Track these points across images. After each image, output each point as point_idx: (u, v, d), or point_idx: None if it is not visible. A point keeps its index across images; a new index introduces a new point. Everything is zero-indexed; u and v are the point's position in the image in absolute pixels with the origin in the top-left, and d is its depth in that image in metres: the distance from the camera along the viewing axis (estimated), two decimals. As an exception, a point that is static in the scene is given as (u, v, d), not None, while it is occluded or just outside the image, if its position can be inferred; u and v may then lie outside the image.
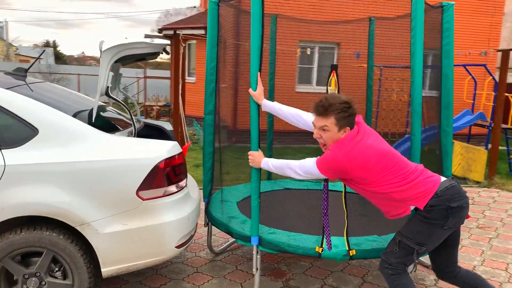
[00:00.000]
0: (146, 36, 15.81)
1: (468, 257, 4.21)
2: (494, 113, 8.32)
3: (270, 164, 2.89)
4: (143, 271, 3.69)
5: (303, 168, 2.68)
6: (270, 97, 4.58)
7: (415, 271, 3.44)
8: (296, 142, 11.36)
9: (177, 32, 6.66)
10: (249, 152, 3.03)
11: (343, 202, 2.96)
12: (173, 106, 7.07)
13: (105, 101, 4.28)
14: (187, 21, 14.62)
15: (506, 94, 8.40)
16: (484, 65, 8.31)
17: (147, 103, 15.78)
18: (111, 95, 3.13)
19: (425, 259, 3.96)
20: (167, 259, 3.07)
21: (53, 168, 2.71)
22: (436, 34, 3.55)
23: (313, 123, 2.68)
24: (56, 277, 2.86)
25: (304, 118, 2.99)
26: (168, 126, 4.02)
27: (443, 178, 2.61)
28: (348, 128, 2.59)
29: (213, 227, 3.83)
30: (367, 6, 11.36)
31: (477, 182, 7.44)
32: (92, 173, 2.77)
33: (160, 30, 15.19)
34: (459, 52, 8.75)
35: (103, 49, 2.90)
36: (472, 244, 4.54)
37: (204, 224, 3.85)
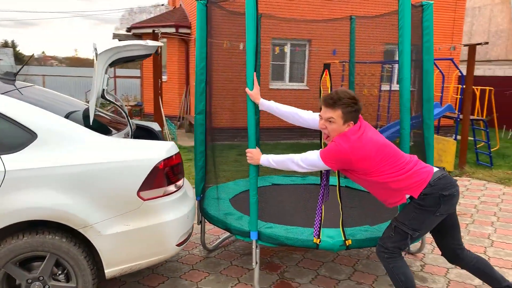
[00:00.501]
0: (115, 35, 15.58)
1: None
2: (462, 105, 8.69)
3: (271, 159, 2.99)
4: (140, 270, 3.71)
5: (307, 161, 2.81)
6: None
7: (405, 254, 3.61)
8: (271, 138, 11.51)
9: (155, 31, 6.63)
10: (247, 150, 3.11)
11: (338, 195, 3.09)
12: (154, 106, 7.05)
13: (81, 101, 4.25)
14: (156, 19, 14.49)
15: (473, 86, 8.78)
16: (451, 59, 8.67)
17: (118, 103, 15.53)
18: (107, 97, 3.15)
19: (412, 246, 4.16)
20: (168, 257, 3.12)
21: (53, 172, 2.72)
22: (416, 31, 3.72)
23: (320, 114, 2.84)
24: (59, 280, 2.86)
25: (301, 116, 3.12)
26: (156, 127, 4.05)
27: (435, 169, 2.79)
28: (352, 122, 2.77)
29: (204, 224, 3.90)
30: (340, 5, 11.60)
31: (448, 172, 7.77)
32: (93, 175, 2.79)
33: (128, 29, 14.98)
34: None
35: (99, 52, 2.91)
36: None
37: (197, 222, 3.92)
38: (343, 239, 3.06)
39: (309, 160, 2.80)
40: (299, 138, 12.31)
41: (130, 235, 2.92)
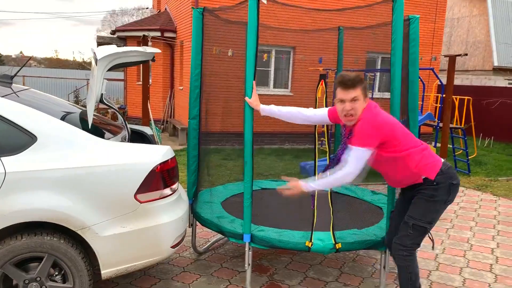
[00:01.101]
0: (99, 37, 15.50)
1: (431, 246, 4.62)
2: (441, 114, 8.97)
3: (314, 185, 2.92)
4: (132, 272, 3.76)
5: (349, 169, 2.76)
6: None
7: None
8: (255, 143, 11.62)
9: (145, 35, 6.68)
10: (288, 185, 2.98)
11: (329, 200, 3.21)
12: (142, 110, 7.09)
13: (73, 104, 4.29)
14: (141, 23, 14.48)
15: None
16: (432, 69, 8.94)
17: (100, 106, 15.45)
18: (105, 101, 3.21)
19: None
20: (163, 259, 3.20)
21: (53, 174, 2.77)
22: (403, 43, 3.89)
23: (339, 99, 2.87)
24: (56, 281, 2.91)
25: (305, 114, 3.27)
26: (148, 131, 4.13)
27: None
28: (367, 98, 2.93)
29: (196, 227, 3.98)
30: (323, 13, 11.82)
31: (429, 178, 8.01)
32: (92, 178, 2.85)
33: (113, 32, 14.94)
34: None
35: (98, 58, 2.98)
36: (433, 235, 4.96)
37: (188, 225, 3.99)
38: (333, 242, 3.18)
39: (351, 164, 2.76)
40: (282, 143, 12.46)
41: (126, 237, 2.98)
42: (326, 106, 3.30)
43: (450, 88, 7.75)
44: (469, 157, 9.28)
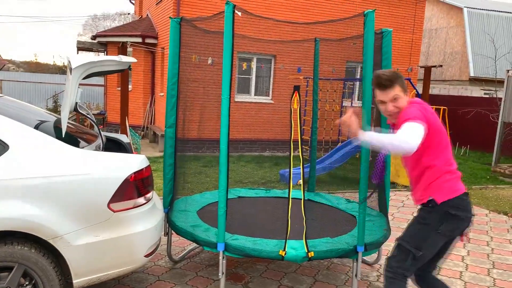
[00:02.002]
0: (79, 42, 15.37)
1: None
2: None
3: (370, 136, 2.47)
4: (106, 281, 3.74)
5: (408, 135, 2.34)
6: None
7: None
8: (235, 150, 11.66)
9: (124, 43, 6.67)
10: (344, 118, 2.62)
11: (302, 209, 3.27)
12: (120, 117, 7.06)
13: (49, 112, 4.27)
14: (122, 28, 14.42)
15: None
16: (409, 79, 9.12)
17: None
18: (79, 110, 3.21)
19: (369, 257, 4.39)
20: (137, 268, 3.20)
21: (24, 183, 2.76)
22: (376, 56, 3.99)
23: (380, 101, 2.73)
24: (26, 291, 2.88)
25: None
26: (125, 139, 4.12)
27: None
28: (407, 91, 2.75)
29: (171, 236, 3.98)
30: (303, 23, 11.96)
31: (405, 186, 8.15)
32: (65, 187, 2.84)
33: (94, 37, 14.84)
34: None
35: (73, 67, 2.98)
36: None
37: (164, 234, 3.99)
38: (306, 251, 3.23)
39: (412, 133, 2.36)
40: (262, 151, 12.52)
41: (99, 246, 2.98)
42: (300, 117, 3.35)
43: (426, 98, 7.92)
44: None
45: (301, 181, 8.40)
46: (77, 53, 15.94)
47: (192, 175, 8.00)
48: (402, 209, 6.48)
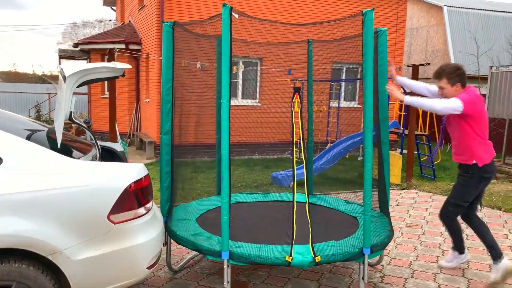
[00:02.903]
0: (61, 50, 15.11)
1: (404, 253, 4.68)
2: (406, 122, 9.19)
3: (415, 100, 3.75)
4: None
5: (448, 107, 3.64)
6: (219, 114, 4.73)
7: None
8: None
9: (111, 49, 6.54)
10: (387, 86, 3.79)
11: (307, 212, 3.20)
12: (110, 125, 6.92)
13: (35, 121, 4.14)
14: (105, 35, 14.23)
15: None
16: (396, 78, 9.16)
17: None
18: (74, 120, 3.10)
19: (372, 259, 4.34)
20: (139, 281, 3.09)
21: (21, 197, 2.64)
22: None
23: (437, 86, 3.87)
24: (25, 310, 2.75)
25: (430, 89, 4.10)
26: (118, 147, 4.01)
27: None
28: (460, 84, 3.75)
29: (170, 245, 3.88)
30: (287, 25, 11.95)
31: (397, 185, 8.17)
32: (63, 200, 2.73)
33: (76, 45, 14.61)
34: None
35: (67, 75, 2.87)
36: (405, 242, 5.04)
37: (163, 243, 3.88)
38: (313, 255, 3.17)
39: (450, 106, 3.63)
40: (252, 154, 12.45)
41: (100, 260, 2.87)
42: (301, 120, 3.30)
43: (415, 97, 7.96)
44: (434, 163, 9.54)
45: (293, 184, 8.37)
46: (59, 61, 15.66)
47: (186, 182, 7.89)
48: (397, 208, 6.48)
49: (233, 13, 3.11)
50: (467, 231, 5.13)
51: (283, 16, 12.15)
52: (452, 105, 3.62)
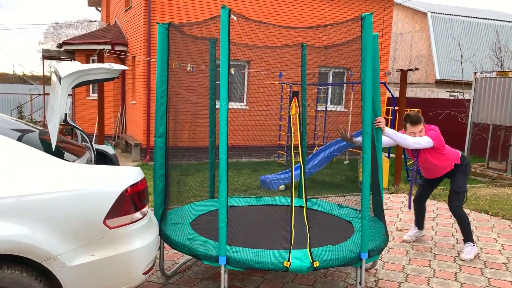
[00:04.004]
0: (45, 51, 14.85)
1: (397, 258, 4.70)
2: (393, 126, 9.26)
3: (393, 133, 4.26)
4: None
5: (419, 143, 4.39)
6: (212, 117, 4.69)
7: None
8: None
9: (101, 50, 6.44)
10: (378, 118, 3.97)
11: (305, 218, 3.18)
12: (98, 127, 6.81)
13: (23, 121, 4.04)
14: (90, 36, 14.04)
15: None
16: (384, 83, 9.23)
17: (47, 123, 14.76)
18: (68, 121, 3.03)
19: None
20: (135, 286, 3.03)
21: (14, 202, 2.55)
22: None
23: (411, 132, 4.56)
24: (18, 318, 2.66)
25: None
26: (110, 150, 3.94)
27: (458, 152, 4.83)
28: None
29: (163, 250, 3.81)
30: (276, 28, 11.97)
31: (385, 189, 8.21)
32: (57, 204, 2.66)
33: (60, 45, 14.37)
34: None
35: (62, 76, 2.80)
36: (397, 246, 5.06)
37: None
38: (311, 260, 3.14)
39: (421, 143, 4.39)
40: (239, 158, 12.41)
41: (96, 266, 2.79)
42: (300, 122, 3.27)
43: (403, 101, 8.03)
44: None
45: (282, 187, 8.34)
46: (43, 62, 15.39)
47: (183, 186, 7.81)
48: (387, 212, 6.51)
49: (231, 15, 3.08)
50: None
51: (270, 19, 12.17)
52: (425, 140, 4.42)
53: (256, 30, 11.65)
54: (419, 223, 5.26)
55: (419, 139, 4.40)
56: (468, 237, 4.76)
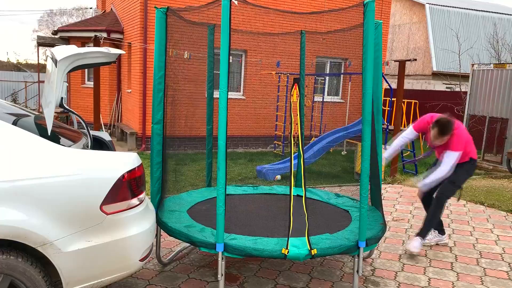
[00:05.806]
0: (39, 37, 14.69)
1: (393, 247, 4.70)
2: (390, 117, 9.25)
3: (428, 182, 4.43)
4: (93, 289, 3.52)
5: (451, 164, 4.31)
6: (209, 105, 4.65)
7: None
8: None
9: (97, 35, 6.36)
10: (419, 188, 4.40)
11: (304, 206, 3.16)
12: (94, 114, 6.75)
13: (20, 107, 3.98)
14: (86, 23, 13.89)
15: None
16: (382, 75, 9.21)
17: (42, 110, 14.63)
18: (65, 106, 2.98)
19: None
20: (131, 273, 3.01)
21: (9, 186, 2.51)
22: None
23: (436, 139, 4.34)
24: (13, 303, 2.63)
25: (405, 136, 4.57)
26: (106, 137, 3.90)
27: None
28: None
29: (160, 237, 3.79)
30: (272, 17, 11.88)
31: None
32: (54, 189, 2.62)
33: (55, 32, 14.22)
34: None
35: (58, 59, 2.75)
36: (393, 236, 5.06)
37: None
38: (309, 248, 3.13)
39: (454, 163, 4.32)
40: (235, 147, 12.37)
41: (92, 252, 2.77)
42: (301, 108, 3.24)
43: (401, 92, 8.01)
44: (416, 158, 9.64)
45: (279, 177, 8.33)
46: (37, 49, 15.22)
47: (180, 173, 7.78)
48: (383, 202, 6.50)
49: (232, 0, 3.02)
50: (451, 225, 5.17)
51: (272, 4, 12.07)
52: (454, 159, 4.34)
53: (253, 19, 11.56)
54: (438, 228, 4.81)
55: (451, 161, 4.29)
56: (425, 232, 4.50)
